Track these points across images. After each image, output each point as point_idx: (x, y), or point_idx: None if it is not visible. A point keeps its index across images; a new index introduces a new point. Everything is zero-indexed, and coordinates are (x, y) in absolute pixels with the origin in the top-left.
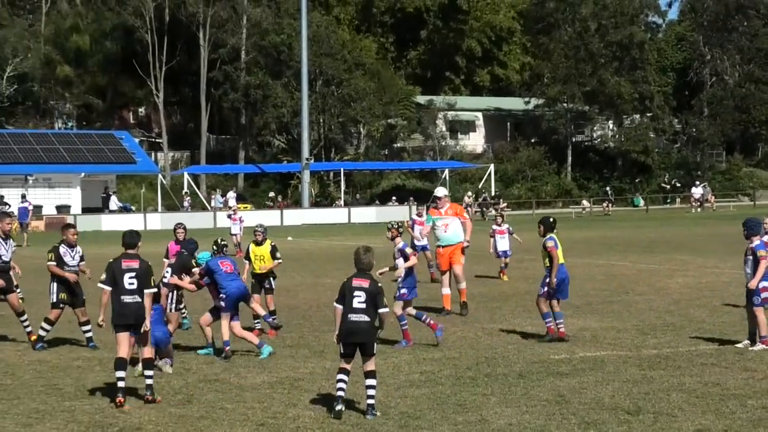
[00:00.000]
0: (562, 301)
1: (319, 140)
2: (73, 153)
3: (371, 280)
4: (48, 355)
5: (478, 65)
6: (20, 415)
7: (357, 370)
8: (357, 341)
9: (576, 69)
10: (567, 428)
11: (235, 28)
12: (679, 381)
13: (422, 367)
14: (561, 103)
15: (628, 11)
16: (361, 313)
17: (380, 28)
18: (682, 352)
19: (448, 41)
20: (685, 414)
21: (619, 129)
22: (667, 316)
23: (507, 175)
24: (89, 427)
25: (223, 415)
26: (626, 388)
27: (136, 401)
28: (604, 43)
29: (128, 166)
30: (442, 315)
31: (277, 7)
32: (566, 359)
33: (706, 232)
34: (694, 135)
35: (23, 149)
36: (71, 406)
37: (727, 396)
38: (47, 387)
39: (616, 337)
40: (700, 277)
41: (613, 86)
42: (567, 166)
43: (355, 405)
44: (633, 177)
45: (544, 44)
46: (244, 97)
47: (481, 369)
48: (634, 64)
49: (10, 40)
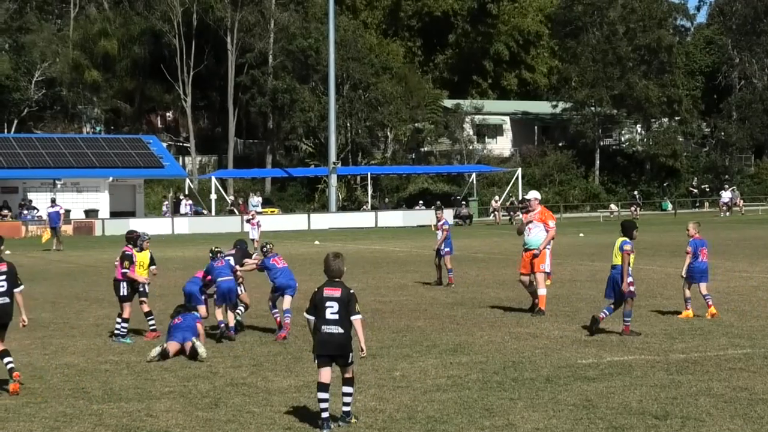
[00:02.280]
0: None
1: (346, 144)
2: (101, 157)
3: (342, 288)
4: (75, 358)
5: (505, 69)
6: (48, 418)
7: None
8: (331, 353)
9: (604, 72)
10: None
11: (262, 33)
12: (707, 386)
13: (449, 371)
14: (589, 107)
15: (656, 15)
16: (335, 325)
17: (407, 32)
18: (710, 356)
19: (475, 45)
20: (713, 419)
21: (647, 133)
22: (695, 320)
23: (534, 179)
24: (116, 431)
25: (250, 419)
26: (654, 392)
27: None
28: (632, 46)
29: (156, 171)
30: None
31: (305, 11)
32: (594, 364)
33: (734, 236)
34: (723, 139)
35: (51, 154)
36: (98, 409)
37: (756, 401)
38: (75, 390)
39: (643, 342)
40: (729, 282)
41: (641, 90)
42: (595, 170)
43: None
44: (661, 181)
45: (571, 48)
46: (271, 101)
47: (508, 373)
48: (662, 68)
49: (39, 45)
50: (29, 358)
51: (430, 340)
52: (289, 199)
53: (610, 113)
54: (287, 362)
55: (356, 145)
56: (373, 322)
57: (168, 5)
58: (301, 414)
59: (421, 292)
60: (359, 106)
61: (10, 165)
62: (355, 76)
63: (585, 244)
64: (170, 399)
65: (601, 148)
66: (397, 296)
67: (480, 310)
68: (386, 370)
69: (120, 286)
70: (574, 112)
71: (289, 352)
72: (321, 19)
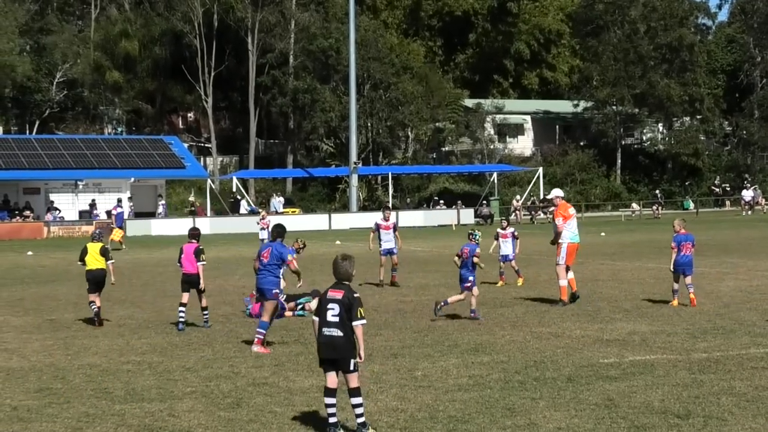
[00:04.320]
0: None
1: (367, 144)
2: (123, 158)
3: (346, 291)
4: (97, 359)
5: (526, 68)
6: (70, 418)
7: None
8: (331, 357)
9: (625, 71)
10: None
11: (283, 33)
12: (730, 385)
13: (471, 371)
14: (610, 106)
15: (677, 13)
16: (334, 327)
17: (428, 31)
18: (732, 355)
19: (496, 44)
20: (735, 418)
21: (668, 132)
22: (718, 319)
23: (556, 178)
24: (139, 431)
25: (272, 419)
26: (676, 391)
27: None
28: (653, 45)
29: (177, 171)
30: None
31: (325, 11)
32: (616, 363)
33: (757, 235)
34: (745, 137)
35: (73, 154)
36: (121, 409)
37: None
38: (97, 391)
39: (666, 341)
40: (751, 280)
41: (663, 89)
42: (616, 169)
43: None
44: (683, 180)
45: (592, 47)
46: (292, 101)
47: (530, 373)
48: (683, 67)
49: (60, 46)
50: (52, 358)
51: (451, 340)
52: (310, 199)
53: (632, 112)
54: (309, 362)
55: (377, 144)
56: (395, 321)
57: (189, 6)
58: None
59: (442, 291)
60: (380, 106)
61: (32, 166)
62: (376, 76)
63: (606, 244)
64: (192, 399)
65: (622, 147)
66: (419, 296)
67: (501, 309)
68: (407, 369)
69: (199, 279)
70: (595, 111)
71: (310, 352)
72: (341, 19)
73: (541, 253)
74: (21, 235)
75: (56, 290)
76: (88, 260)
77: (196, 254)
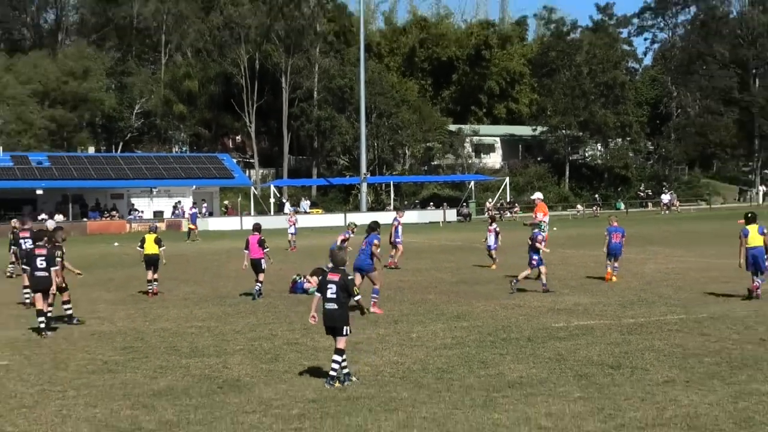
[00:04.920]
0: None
1: (374, 159)
2: (186, 171)
3: (342, 274)
4: (169, 324)
5: (496, 101)
6: (148, 369)
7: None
8: (329, 325)
9: (572, 104)
10: (564, 380)
11: (309, 74)
12: (651, 343)
13: (454, 333)
14: (560, 130)
15: (612, 59)
16: (332, 302)
17: (421, 73)
18: (653, 321)
19: (473, 83)
20: (655, 368)
21: (605, 150)
22: (642, 293)
23: (519, 185)
24: (200, 380)
25: (302, 370)
26: (610, 348)
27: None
28: (593, 83)
29: (228, 181)
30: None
31: (342, 57)
32: (564, 327)
33: (672, 229)
34: (664, 154)
35: (149, 168)
36: (186, 363)
37: (688, 355)
38: (168, 348)
39: (602, 310)
40: (668, 264)
41: (601, 117)
42: (565, 178)
43: (400, 364)
44: (616, 187)
45: (547, 84)
46: (316, 126)
47: (499, 334)
48: (617, 100)
49: (138, 85)
50: (134, 324)
51: (439, 310)
52: (330, 202)
53: (577, 135)
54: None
55: (381, 160)
56: (395, 296)
57: (236, 53)
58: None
59: (432, 273)
60: (383, 130)
61: (117, 177)
62: (381, 107)
63: (557, 236)
64: (241, 355)
65: (570, 162)
66: (414, 276)
67: (477, 286)
68: (405, 332)
69: (260, 262)
70: (549, 134)
71: None
72: (354, 63)
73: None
74: (109, 230)
75: (137, 273)
76: (146, 247)
77: (260, 243)
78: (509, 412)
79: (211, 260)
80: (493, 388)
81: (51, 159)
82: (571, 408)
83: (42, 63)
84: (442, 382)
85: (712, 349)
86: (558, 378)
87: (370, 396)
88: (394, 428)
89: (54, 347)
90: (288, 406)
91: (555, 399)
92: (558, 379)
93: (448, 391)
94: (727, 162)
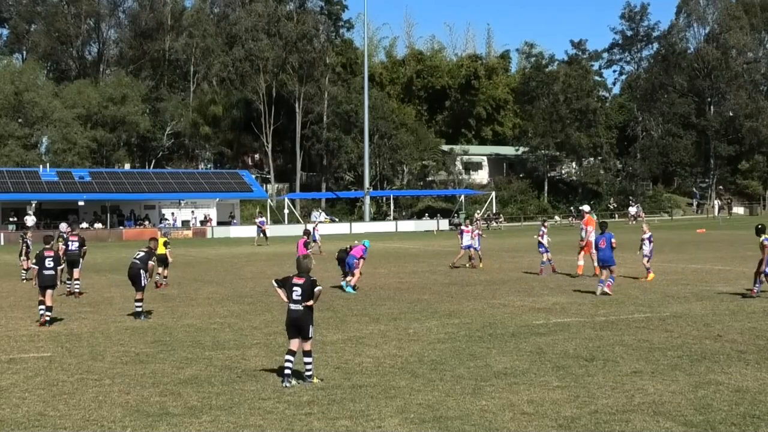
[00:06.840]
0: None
1: (376, 175)
2: (211, 185)
3: (306, 278)
4: (194, 320)
5: (483, 124)
6: (175, 360)
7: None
8: (295, 325)
9: (550, 127)
10: (544, 371)
11: (319, 100)
12: (621, 338)
13: (446, 329)
14: (540, 150)
15: (585, 88)
16: (297, 304)
17: (417, 99)
18: (623, 318)
19: (463, 108)
20: (624, 361)
21: (579, 168)
22: (613, 294)
23: (504, 199)
24: (221, 370)
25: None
26: (584, 343)
27: (254, 352)
28: (569, 109)
29: (247, 194)
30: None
31: (348, 86)
32: (543, 324)
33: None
34: (631, 171)
35: (178, 183)
36: (209, 355)
37: (654, 349)
38: (193, 342)
39: (577, 309)
40: (636, 269)
41: (576, 139)
42: (544, 193)
43: (398, 356)
44: (589, 200)
45: (528, 110)
46: (325, 146)
47: (486, 330)
48: (589, 124)
49: (169, 110)
50: (162, 320)
51: (433, 308)
52: (338, 213)
53: (555, 154)
54: (336, 322)
55: (383, 175)
56: (395, 296)
57: (256, 82)
58: (346, 358)
59: (427, 275)
60: (384, 149)
61: (150, 190)
62: (382, 130)
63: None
64: (258, 348)
65: (548, 178)
66: (411, 278)
67: (467, 287)
68: (403, 328)
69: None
70: (530, 154)
71: (337, 316)
72: (359, 91)
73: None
74: (143, 237)
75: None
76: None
77: (305, 245)
78: (495, 399)
79: (232, 263)
80: (481, 377)
81: (92, 174)
82: (550, 395)
83: (85, 90)
84: (436, 372)
85: (675, 343)
86: (538, 369)
87: (372, 384)
88: (393, 413)
89: (92, 341)
90: (299, 394)
91: (536, 388)
92: (538, 370)
93: (441, 380)
94: (686, 179)
